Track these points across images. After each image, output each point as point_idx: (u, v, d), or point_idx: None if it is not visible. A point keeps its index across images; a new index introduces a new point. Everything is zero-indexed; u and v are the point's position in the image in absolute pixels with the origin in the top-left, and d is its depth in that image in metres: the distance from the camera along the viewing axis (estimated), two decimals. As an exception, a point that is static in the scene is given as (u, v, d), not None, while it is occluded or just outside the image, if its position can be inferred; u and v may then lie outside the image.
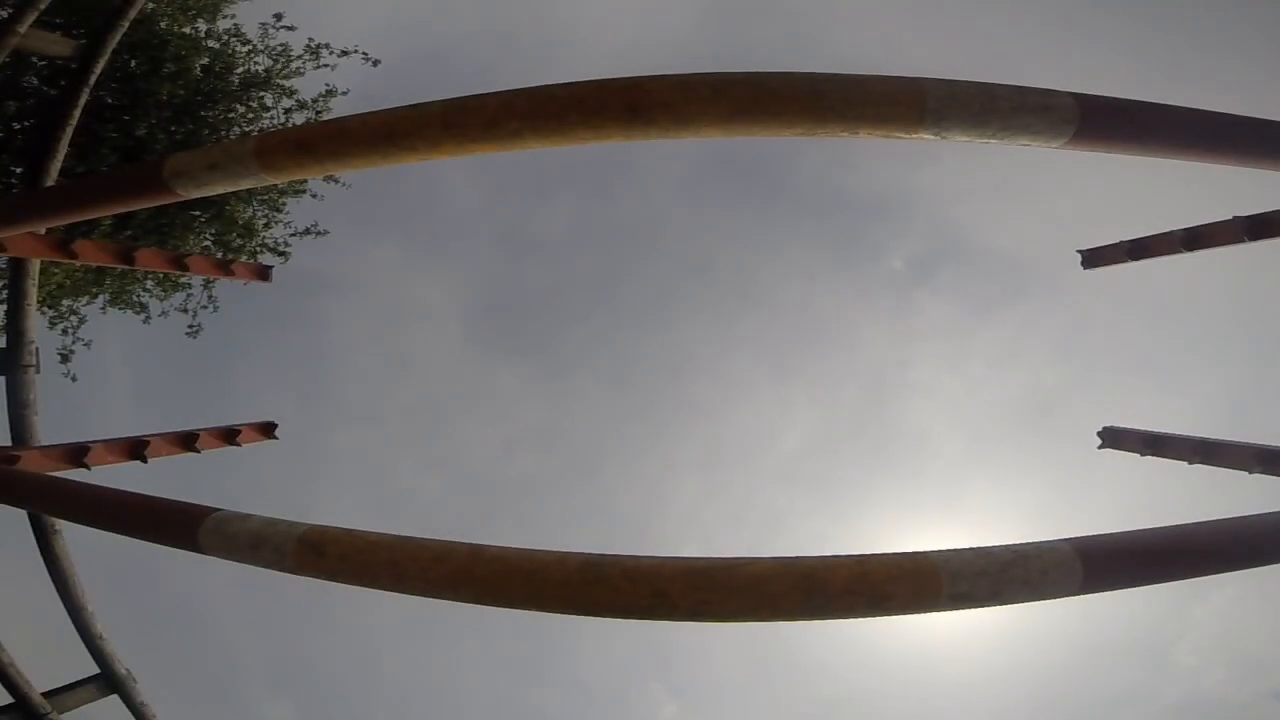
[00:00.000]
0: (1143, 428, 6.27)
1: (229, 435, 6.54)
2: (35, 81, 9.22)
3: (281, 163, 2.36)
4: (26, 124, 9.12)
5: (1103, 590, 2.18)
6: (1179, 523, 2.32)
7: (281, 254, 10.34)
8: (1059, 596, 2.13)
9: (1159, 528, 2.30)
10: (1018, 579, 2.08)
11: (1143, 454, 6.18)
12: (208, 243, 10.07)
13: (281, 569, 2.51)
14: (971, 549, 2.13)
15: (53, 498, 3.82)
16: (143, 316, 10.24)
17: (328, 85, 10.23)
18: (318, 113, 10.22)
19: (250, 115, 10.12)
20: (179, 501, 2.99)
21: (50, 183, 6.61)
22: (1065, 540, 2.18)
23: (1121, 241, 6.38)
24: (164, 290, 10.19)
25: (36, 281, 6.58)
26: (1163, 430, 6.14)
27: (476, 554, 2.29)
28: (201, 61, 9.74)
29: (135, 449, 5.65)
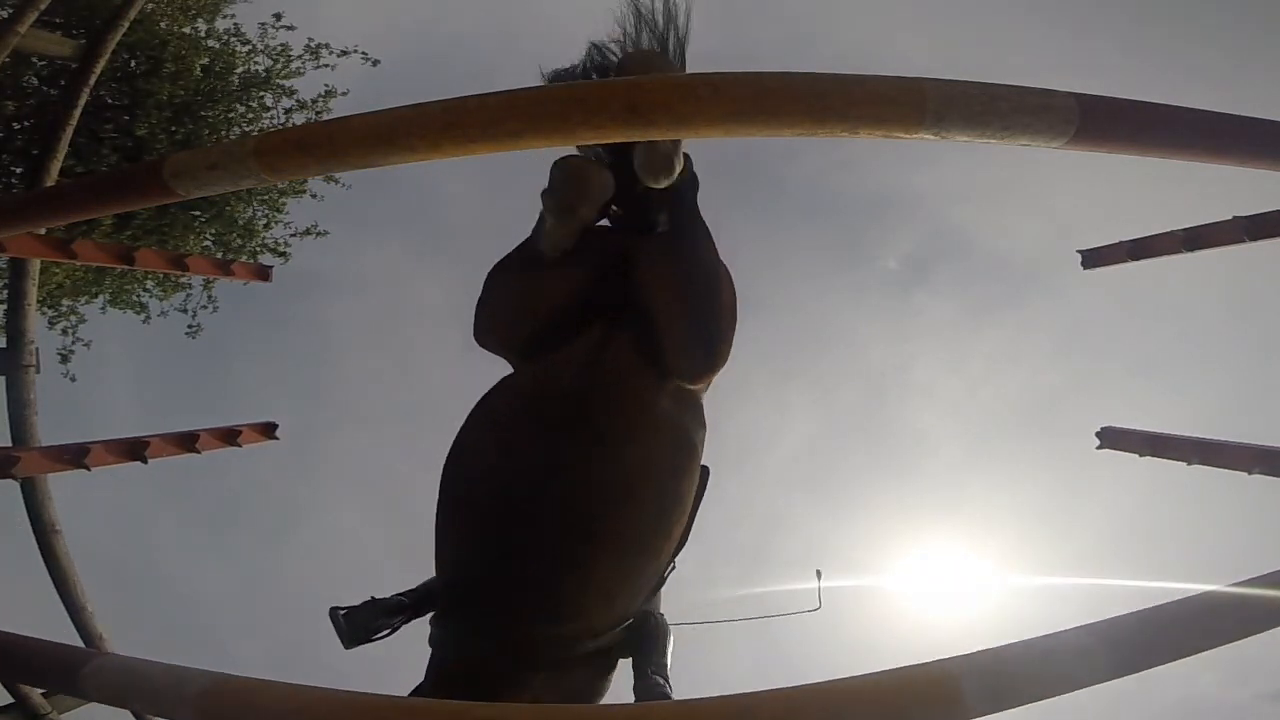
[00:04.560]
0: (1143, 428, 6.27)
1: (229, 435, 6.55)
2: (35, 81, 9.22)
3: (281, 163, 2.35)
4: (26, 124, 9.13)
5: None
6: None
7: (281, 254, 10.34)
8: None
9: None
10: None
11: (1142, 454, 6.17)
12: (208, 243, 10.07)
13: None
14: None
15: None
16: (143, 316, 10.25)
17: (327, 85, 10.24)
18: (318, 113, 10.22)
19: (250, 115, 10.13)
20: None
21: (50, 183, 6.61)
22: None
23: (1121, 241, 6.37)
24: (164, 290, 10.19)
25: (36, 281, 6.59)
26: (1163, 430, 6.14)
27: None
28: (201, 61, 9.74)
29: (135, 449, 5.66)
